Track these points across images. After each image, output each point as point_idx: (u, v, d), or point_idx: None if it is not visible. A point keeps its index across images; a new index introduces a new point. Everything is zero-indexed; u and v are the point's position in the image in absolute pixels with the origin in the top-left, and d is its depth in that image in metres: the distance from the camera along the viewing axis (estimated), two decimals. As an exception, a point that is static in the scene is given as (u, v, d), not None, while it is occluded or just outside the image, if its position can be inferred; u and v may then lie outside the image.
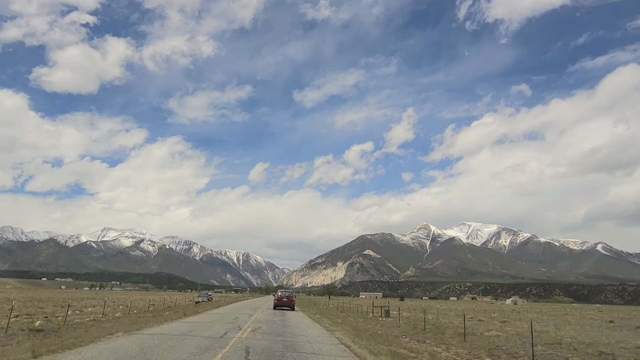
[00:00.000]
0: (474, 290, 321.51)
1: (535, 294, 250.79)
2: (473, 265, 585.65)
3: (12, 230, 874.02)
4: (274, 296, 44.00)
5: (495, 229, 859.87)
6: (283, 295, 41.27)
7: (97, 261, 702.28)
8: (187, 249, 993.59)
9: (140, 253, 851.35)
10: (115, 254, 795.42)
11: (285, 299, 40.24)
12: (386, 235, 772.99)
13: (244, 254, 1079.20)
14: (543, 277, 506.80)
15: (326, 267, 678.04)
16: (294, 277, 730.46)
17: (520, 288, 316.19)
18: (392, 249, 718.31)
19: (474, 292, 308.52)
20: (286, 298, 40.49)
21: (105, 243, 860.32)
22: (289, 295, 41.81)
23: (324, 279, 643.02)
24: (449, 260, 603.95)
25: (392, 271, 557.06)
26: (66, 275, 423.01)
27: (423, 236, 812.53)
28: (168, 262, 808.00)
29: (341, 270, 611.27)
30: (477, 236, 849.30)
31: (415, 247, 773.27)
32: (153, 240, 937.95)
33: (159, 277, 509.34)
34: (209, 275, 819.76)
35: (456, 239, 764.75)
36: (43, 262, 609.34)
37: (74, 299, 59.06)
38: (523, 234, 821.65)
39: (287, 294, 41.88)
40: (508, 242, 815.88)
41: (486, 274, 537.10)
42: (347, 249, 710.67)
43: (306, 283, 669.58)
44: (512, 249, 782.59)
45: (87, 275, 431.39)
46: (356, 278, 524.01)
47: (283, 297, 40.42)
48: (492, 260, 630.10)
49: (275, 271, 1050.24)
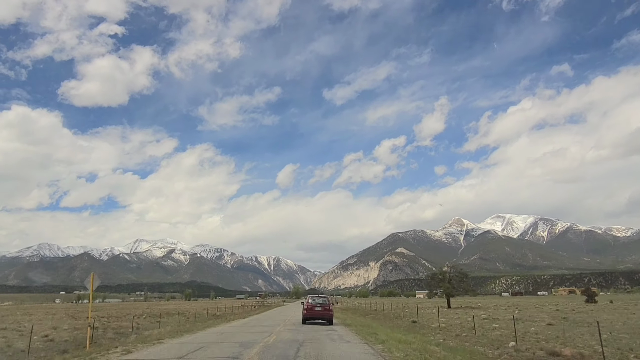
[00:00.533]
0: (523, 283, 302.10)
1: (596, 285, 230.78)
2: (513, 258, 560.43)
3: (48, 246, 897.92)
4: (302, 304, 30.49)
5: (532, 220, 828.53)
6: (315, 302, 28.29)
7: (130, 272, 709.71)
8: (218, 257, 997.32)
9: (172, 263, 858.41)
10: (148, 265, 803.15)
11: (318, 307, 27.64)
12: (418, 232, 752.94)
13: (275, 259, 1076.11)
14: (589, 267, 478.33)
15: (358, 267, 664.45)
16: (325, 280, 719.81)
17: (576, 279, 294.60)
18: (425, 245, 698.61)
19: (522, 286, 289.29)
20: (320, 306, 27.77)
21: (138, 254, 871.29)
22: (323, 302, 28.66)
23: (357, 279, 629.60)
24: (486, 254, 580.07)
25: (427, 268, 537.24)
26: (100, 288, 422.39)
27: (456, 231, 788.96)
28: (199, 271, 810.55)
29: (374, 270, 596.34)
30: (513, 228, 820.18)
31: (448, 242, 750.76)
32: (184, 249, 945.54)
33: (190, 286, 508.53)
34: (241, 282, 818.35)
35: (491, 232, 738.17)
36: (78, 277, 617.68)
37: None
38: (562, 223, 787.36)
39: (320, 301, 28.93)
40: (546, 232, 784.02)
41: (528, 266, 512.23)
42: (378, 248, 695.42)
43: (339, 285, 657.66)
44: (551, 239, 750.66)
45: (119, 287, 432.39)
46: (390, 277, 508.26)
47: (315, 306, 27.71)
48: (532, 251, 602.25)
49: (306, 274, 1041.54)
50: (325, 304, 27.96)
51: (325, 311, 27.13)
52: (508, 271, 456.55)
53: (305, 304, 28.32)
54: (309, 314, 27.09)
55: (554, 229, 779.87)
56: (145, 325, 29.60)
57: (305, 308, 27.70)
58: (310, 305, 27.55)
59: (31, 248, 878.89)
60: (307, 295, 34.60)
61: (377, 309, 54.62)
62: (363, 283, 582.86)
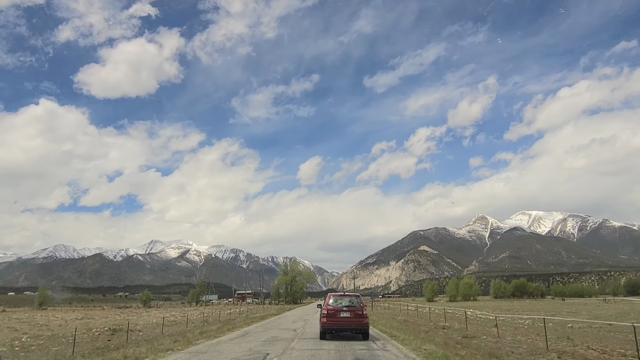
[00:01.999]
0: (566, 283, 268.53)
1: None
2: (545, 255, 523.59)
3: (64, 248, 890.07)
4: (319, 307, 20.03)
5: (560, 217, 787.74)
6: (339, 304, 17.95)
7: (143, 274, 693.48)
8: (233, 257, 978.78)
9: (186, 264, 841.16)
10: (161, 266, 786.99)
11: (346, 311, 17.64)
12: (440, 230, 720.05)
13: (291, 259, 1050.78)
14: (629, 265, 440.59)
15: (378, 267, 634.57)
16: (344, 280, 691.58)
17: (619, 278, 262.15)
18: (447, 244, 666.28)
19: (563, 285, 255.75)
20: (348, 309, 17.72)
21: (152, 255, 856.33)
22: (351, 303, 18.12)
23: (377, 279, 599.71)
24: (515, 252, 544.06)
25: (452, 267, 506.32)
26: (106, 289, 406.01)
27: (480, 228, 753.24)
28: (214, 272, 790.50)
29: (395, 270, 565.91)
30: (540, 225, 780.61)
31: (473, 240, 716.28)
32: (199, 250, 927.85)
33: (204, 287, 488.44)
34: (256, 283, 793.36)
35: (518, 229, 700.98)
36: (88, 278, 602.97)
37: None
38: (593, 219, 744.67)
39: (347, 302, 18.23)
40: (576, 229, 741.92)
41: (562, 264, 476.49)
42: (399, 247, 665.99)
43: (358, 285, 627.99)
44: (582, 236, 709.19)
45: (128, 288, 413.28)
46: (414, 277, 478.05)
47: (340, 310, 17.67)
48: (565, 249, 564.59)
49: (324, 275, 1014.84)
50: (356, 306, 18.10)
51: (357, 318, 17.62)
52: (542, 270, 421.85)
53: (324, 306, 18.25)
54: (331, 322, 17.63)
55: (585, 226, 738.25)
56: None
57: (324, 314, 17.79)
58: (332, 308, 17.84)
59: (47, 250, 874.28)
60: (328, 294, 20.16)
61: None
62: (384, 283, 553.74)
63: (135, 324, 30.82)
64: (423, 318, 36.69)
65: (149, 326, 30.00)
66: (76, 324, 32.90)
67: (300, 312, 50.29)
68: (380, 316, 38.22)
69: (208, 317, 38.98)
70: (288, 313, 50.20)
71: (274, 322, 32.54)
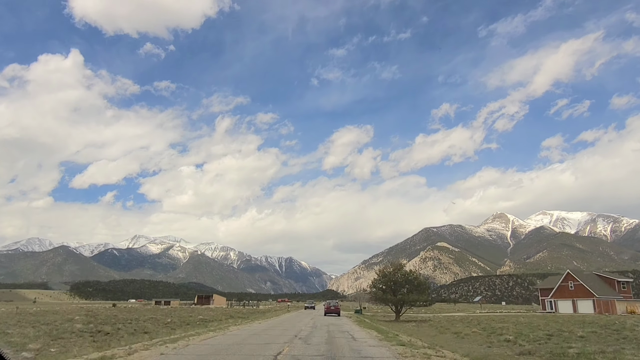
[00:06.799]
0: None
1: None
2: (590, 256, 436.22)
3: (39, 241, 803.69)
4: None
5: (587, 217, 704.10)
6: (330, 304, 48.67)
7: (114, 270, 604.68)
8: (223, 256, 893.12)
9: (167, 260, 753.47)
10: (138, 262, 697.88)
11: (332, 306, 47.23)
12: (455, 227, 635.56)
13: (287, 259, 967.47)
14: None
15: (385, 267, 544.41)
16: (345, 282, 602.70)
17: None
18: (465, 242, 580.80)
19: None
20: (333, 306, 47.35)
21: (130, 251, 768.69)
22: (334, 304, 48.30)
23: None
24: (554, 250, 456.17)
25: (479, 267, 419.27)
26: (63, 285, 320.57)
27: (501, 227, 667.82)
28: (199, 270, 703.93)
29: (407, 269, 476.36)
30: (565, 225, 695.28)
31: (493, 239, 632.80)
32: (184, 246, 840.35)
33: (185, 287, 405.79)
34: (246, 284, 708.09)
35: (546, 228, 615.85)
36: (44, 273, 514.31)
37: None
38: (628, 220, 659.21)
39: (334, 304, 48.47)
40: (609, 230, 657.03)
41: (614, 263, 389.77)
42: (408, 245, 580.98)
43: (360, 287, 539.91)
44: (617, 237, 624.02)
45: (87, 284, 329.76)
46: (433, 278, 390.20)
47: (330, 307, 47.41)
48: (613, 250, 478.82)
49: (322, 277, 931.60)
50: (336, 305, 47.55)
51: (336, 309, 46.43)
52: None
53: (325, 305, 49.31)
54: (327, 310, 46.52)
55: (619, 227, 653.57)
56: None
57: (325, 308, 47.97)
58: (327, 306, 47.74)
59: (19, 243, 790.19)
60: (327, 301, 54.83)
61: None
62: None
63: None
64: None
65: None
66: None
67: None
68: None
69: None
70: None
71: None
